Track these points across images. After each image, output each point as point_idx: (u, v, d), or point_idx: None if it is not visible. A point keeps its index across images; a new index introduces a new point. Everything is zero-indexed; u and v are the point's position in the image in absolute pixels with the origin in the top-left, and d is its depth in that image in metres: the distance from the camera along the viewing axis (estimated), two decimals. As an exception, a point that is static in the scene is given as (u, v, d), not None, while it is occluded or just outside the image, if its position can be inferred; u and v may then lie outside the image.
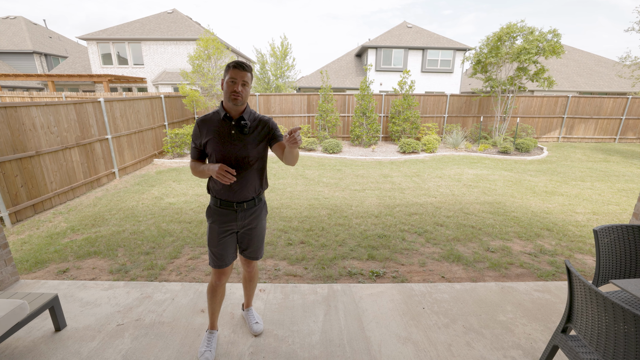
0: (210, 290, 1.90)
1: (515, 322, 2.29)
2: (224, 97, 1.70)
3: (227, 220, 1.80)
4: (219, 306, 1.97)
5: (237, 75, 1.63)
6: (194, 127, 1.76)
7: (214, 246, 1.82)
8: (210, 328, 2.00)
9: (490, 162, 8.64)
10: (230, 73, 1.63)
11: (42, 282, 2.71)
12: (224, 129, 1.71)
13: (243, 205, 1.79)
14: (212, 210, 1.83)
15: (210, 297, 1.92)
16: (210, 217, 1.83)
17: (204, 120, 1.73)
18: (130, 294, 2.55)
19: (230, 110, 1.71)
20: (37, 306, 1.94)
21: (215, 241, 1.82)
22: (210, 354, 1.90)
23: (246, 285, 2.12)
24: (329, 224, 4.23)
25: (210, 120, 1.73)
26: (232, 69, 1.63)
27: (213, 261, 1.85)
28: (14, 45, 22.23)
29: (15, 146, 4.49)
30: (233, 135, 1.71)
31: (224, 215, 1.79)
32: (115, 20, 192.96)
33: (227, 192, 1.75)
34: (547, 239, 3.86)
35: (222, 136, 1.70)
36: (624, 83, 19.14)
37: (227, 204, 1.78)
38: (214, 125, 1.72)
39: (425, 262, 3.27)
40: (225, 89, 1.67)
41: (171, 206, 4.97)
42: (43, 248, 3.57)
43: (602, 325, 1.30)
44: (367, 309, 2.41)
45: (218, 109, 1.75)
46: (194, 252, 3.44)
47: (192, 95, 9.33)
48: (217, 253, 1.82)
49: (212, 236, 1.83)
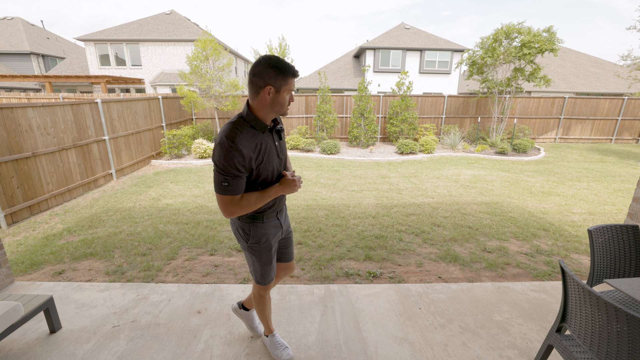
0: (262, 302, 1.82)
1: (511, 322, 2.29)
2: (270, 107, 1.42)
3: (275, 233, 1.67)
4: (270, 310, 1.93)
5: (294, 85, 1.44)
6: (230, 154, 1.33)
7: (267, 264, 1.67)
8: (268, 331, 1.96)
9: (487, 162, 8.67)
10: (290, 84, 1.40)
11: (38, 284, 2.70)
12: (271, 142, 1.49)
13: (282, 211, 1.71)
14: (259, 230, 1.59)
15: (262, 307, 1.84)
16: (258, 238, 1.60)
17: (240, 140, 1.35)
18: (126, 295, 2.54)
19: (267, 120, 1.46)
20: (31, 308, 1.92)
21: (268, 258, 1.66)
22: (289, 349, 1.93)
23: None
24: (327, 224, 4.23)
25: (248, 137, 1.39)
26: (292, 78, 1.39)
27: (266, 277, 1.71)
28: (11, 46, 22.14)
29: (11, 147, 4.47)
30: (277, 146, 1.54)
31: (274, 227, 1.65)
32: (116, 22, 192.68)
33: (274, 205, 1.61)
34: (543, 239, 3.88)
35: (272, 151, 1.49)
36: (620, 84, 19.27)
37: (271, 215, 1.62)
38: (258, 141, 1.42)
39: (422, 263, 3.28)
40: (282, 102, 1.42)
41: (168, 207, 4.95)
42: (39, 249, 3.56)
43: (595, 325, 1.31)
44: (363, 309, 2.41)
45: (246, 118, 1.42)
46: (191, 254, 3.43)
47: (190, 96, 9.32)
48: (272, 268, 1.72)
49: (264, 255, 1.64)
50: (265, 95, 1.38)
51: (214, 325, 2.22)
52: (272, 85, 1.37)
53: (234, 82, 9.89)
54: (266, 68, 1.35)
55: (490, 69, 10.56)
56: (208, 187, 6.07)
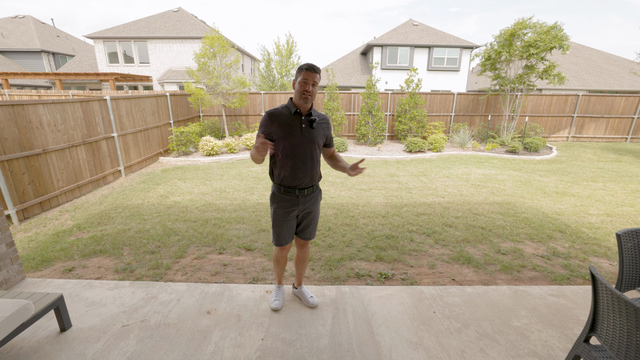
0: (275, 261, 2.29)
1: (531, 328, 2.21)
2: (295, 95, 1.92)
3: (289, 205, 2.04)
4: (282, 270, 2.37)
5: (309, 76, 1.84)
6: (264, 118, 1.94)
7: (277, 227, 2.10)
8: (278, 283, 2.44)
9: (498, 161, 8.50)
10: (302, 75, 1.84)
11: (48, 281, 2.70)
12: (295, 123, 1.93)
13: (304, 192, 2.03)
14: (276, 196, 2.05)
15: (275, 265, 2.32)
16: (275, 202, 2.06)
17: (273, 113, 1.92)
18: (135, 294, 2.52)
19: (300, 107, 1.93)
20: (42, 306, 1.91)
21: (279, 222, 2.08)
22: (279, 302, 2.36)
23: (299, 265, 2.38)
24: (336, 224, 4.17)
25: (280, 113, 1.92)
26: (304, 71, 1.84)
27: (276, 240, 2.15)
28: (22, 44, 22.47)
29: (22, 144, 4.50)
30: (303, 129, 1.93)
31: (287, 200, 2.03)
32: (125, 21, 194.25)
33: (292, 179, 1.98)
34: (559, 241, 3.76)
35: (292, 129, 1.92)
36: (635, 81, 18.74)
37: (289, 191, 2.01)
38: (284, 118, 1.92)
39: (434, 264, 3.20)
40: (298, 89, 1.87)
41: (176, 204, 4.95)
42: (49, 246, 3.57)
43: (631, 337, 1.23)
44: (376, 312, 2.35)
45: (287, 104, 1.96)
46: (200, 252, 3.41)
47: (197, 94, 9.31)
48: (280, 233, 2.11)
49: (276, 218, 2.08)
50: (293, 87, 1.93)
51: (224, 326, 2.18)
52: (294, 79, 1.92)
53: (242, 79, 9.86)
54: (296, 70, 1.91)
55: (504, 65, 10.33)
56: (216, 185, 6.05)
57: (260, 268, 3.09)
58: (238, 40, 51.52)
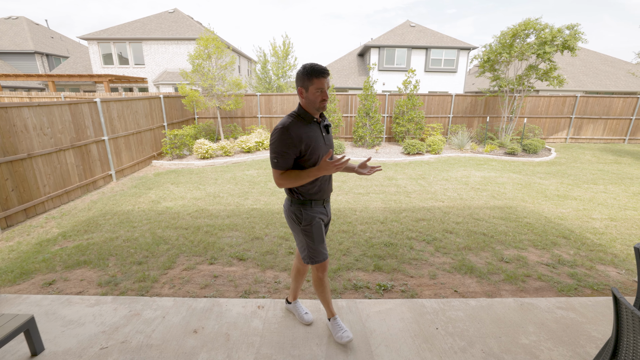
0: (322, 285, 1.98)
1: (540, 345, 2.07)
2: (308, 105, 1.72)
3: (322, 218, 1.93)
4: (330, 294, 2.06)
5: (322, 84, 1.67)
6: (284, 137, 1.67)
7: (321, 242, 1.88)
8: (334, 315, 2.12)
9: (497, 163, 8.40)
10: (316, 83, 1.65)
11: (24, 297, 2.52)
12: (316, 132, 1.78)
13: (329, 200, 1.98)
14: (309, 211, 1.85)
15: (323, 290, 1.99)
16: (312, 218, 1.85)
17: (290, 127, 1.68)
18: (117, 311, 2.36)
19: (314, 114, 1.76)
20: (8, 330, 1.73)
21: (322, 237, 1.89)
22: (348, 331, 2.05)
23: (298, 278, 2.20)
24: (332, 230, 4.02)
25: (298, 126, 1.71)
26: (317, 78, 1.65)
27: (321, 254, 1.89)
28: (15, 46, 22.17)
29: (5, 149, 4.32)
30: (324, 137, 1.82)
31: (320, 212, 1.90)
32: (120, 22, 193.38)
33: (319, 192, 1.86)
34: (564, 247, 3.63)
35: (317, 140, 1.76)
36: (632, 82, 18.79)
37: (318, 203, 1.88)
38: (306, 130, 1.72)
39: (435, 274, 3.05)
40: (313, 99, 1.69)
41: (168, 210, 4.77)
42: (31, 257, 3.39)
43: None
44: (375, 329, 2.20)
45: (298, 113, 1.75)
46: (189, 262, 3.24)
47: (192, 96, 9.13)
48: (324, 246, 1.91)
49: (318, 232, 1.86)
50: (300, 95, 1.73)
51: (211, 347, 2.02)
52: (301, 87, 1.70)
53: (237, 80, 9.70)
54: (298, 73, 1.69)
55: (503, 66, 10.24)
56: (209, 189, 5.88)
57: (253, 280, 2.93)
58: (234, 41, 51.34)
